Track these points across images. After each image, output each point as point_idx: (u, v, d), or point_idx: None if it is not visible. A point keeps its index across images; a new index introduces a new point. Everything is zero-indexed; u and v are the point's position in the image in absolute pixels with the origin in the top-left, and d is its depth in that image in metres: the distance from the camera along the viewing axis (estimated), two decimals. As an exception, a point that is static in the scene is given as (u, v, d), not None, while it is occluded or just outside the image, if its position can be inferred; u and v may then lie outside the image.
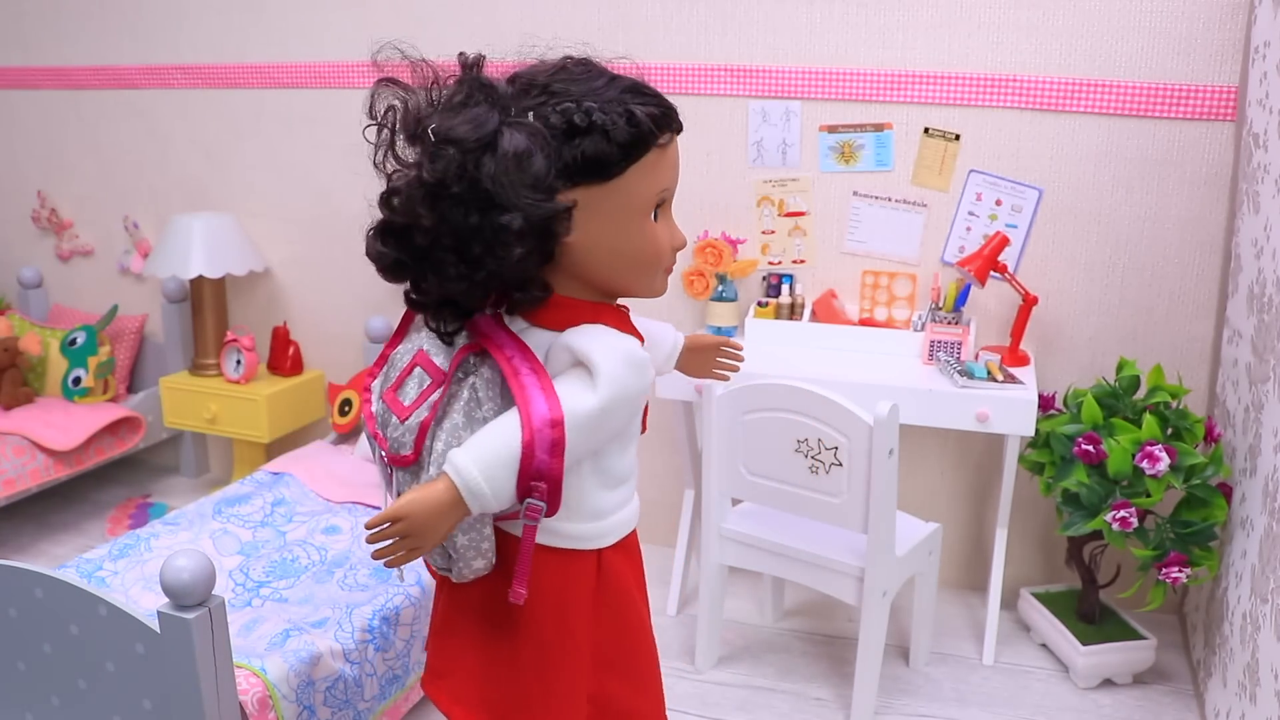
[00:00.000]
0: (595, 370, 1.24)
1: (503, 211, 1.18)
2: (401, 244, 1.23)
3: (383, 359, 1.37)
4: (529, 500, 1.23)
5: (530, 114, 1.21)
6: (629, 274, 1.30)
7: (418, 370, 1.31)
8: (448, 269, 1.22)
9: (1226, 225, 2.50)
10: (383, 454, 1.31)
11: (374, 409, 1.34)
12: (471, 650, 1.39)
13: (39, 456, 2.99)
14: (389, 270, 1.27)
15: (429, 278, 1.24)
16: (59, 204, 3.63)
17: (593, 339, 1.26)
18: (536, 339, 1.29)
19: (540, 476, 1.22)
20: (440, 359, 1.31)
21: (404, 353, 1.33)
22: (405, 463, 1.28)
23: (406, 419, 1.28)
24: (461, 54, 1.27)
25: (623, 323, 1.33)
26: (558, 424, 1.21)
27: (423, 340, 1.33)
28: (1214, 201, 2.49)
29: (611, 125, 1.21)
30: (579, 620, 1.37)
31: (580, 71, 1.25)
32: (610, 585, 1.39)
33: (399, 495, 1.30)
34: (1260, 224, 2.13)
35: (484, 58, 1.27)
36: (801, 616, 2.73)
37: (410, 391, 1.30)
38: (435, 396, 1.27)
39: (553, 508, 1.25)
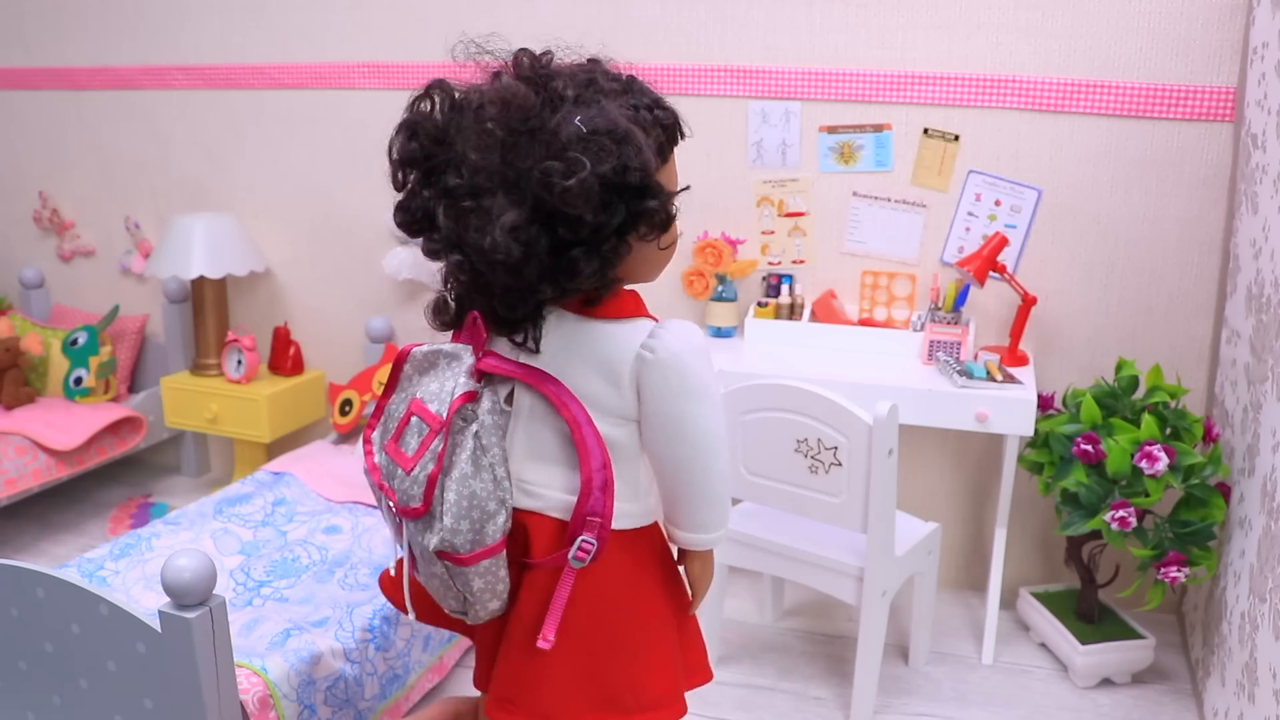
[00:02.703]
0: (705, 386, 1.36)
1: (647, 200, 1.23)
2: (531, 247, 1.22)
3: (379, 411, 1.40)
4: (583, 538, 1.31)
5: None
6: (657, 258, 1.37)
7: (414, 420, 1.33)
8: (581, 267, 1.24)
9: (1225, 226, 2.50)
10: (390, 504, 1.34)
11: (377, 460, 1.37)
12: (560, 660, 1.38)
13: (40, 456, 3.00)
14: (514, 270, 1.22)
15: (549, 280, 1.24)
16: (60, 204, 3.63)
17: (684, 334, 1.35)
18: (597, 332, 1.33)
19: (595, 513, 1.31)
20: (435, 405, 1.32)
21: (398, 403, 1.37)
22: (415, 514, 1.30)
23: (412, 470, 1.29)
24: (525, 50, 1.31)
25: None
26: (607, 466, 1.31)
27: (415, 389, 1.36)
28: (1212, 202, 2.50)
29: (665, 118, 1.29)
30: (659, 587, 1.45)
31: (614, 72, 1.32)
32: (666, 547, 1.50)
33: (410, 545, 1.34)
34: (1259, 224, 2.13)
35: (551, 53, 1.32)
36: (801, 616, 2.74)
37: (411, 442, 1.32)
38: (438, 446, 1.29)
39: (601, 545, 1.32)
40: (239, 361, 3.22)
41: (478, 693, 2.09)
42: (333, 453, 2.94)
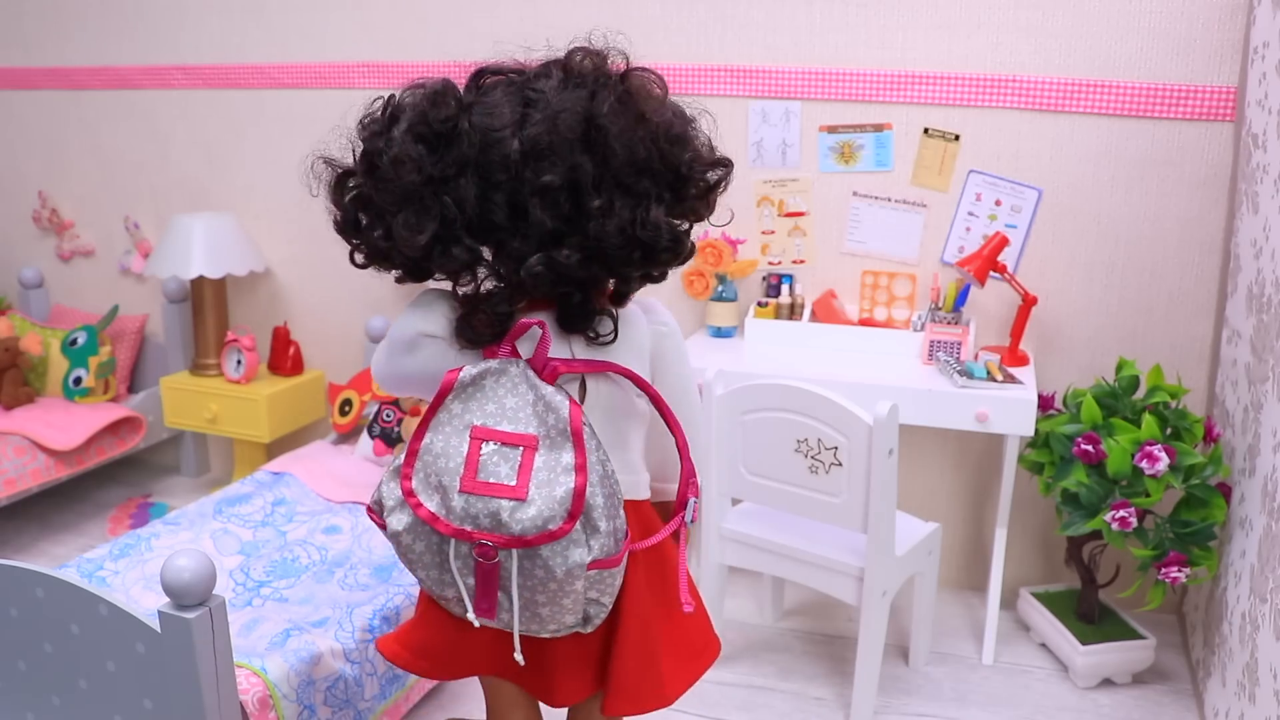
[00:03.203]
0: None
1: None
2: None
3: (413, 454, 1.29)
4: (693, 500, 1.37)
5: None
6: None
7: (490, 447, 1.26)
8: (692, 251, 1.38)
9: (1225, 225, 2.50)
10: (487, 544, 1.24)
11: (437, 508, 1.26)
12: (662, 631, 1.44)
13: (40, 456, 3.00)
14: (675, 257, 1.33)
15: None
16: (60, 204, 3.63)
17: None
18: (624, 316, 1.40)
19: (694, 474, 1.38)
20: (509, 425, 1.26)
21: (449, 438, 1.27)
22: (555, 536, 1.23)
23: (528, 495, 1.23)
24: (581, 48, 1.37)
25: None
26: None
27: (469, 417, 1.28)
28: (1213, 202, 2.50)
29: None
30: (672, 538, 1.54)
31: None
32: None
33: (524, 578, 1.26)
34: (1259, 224, 2.13)
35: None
36: (801, 616, 2.73)
37: (501, 470, 1.24)
38: (565, 458, 1.24)
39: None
40: (238, 361, 3.22)
41: (479, 707, 2.10)
42: (332, 453, 2.94)
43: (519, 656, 1.34)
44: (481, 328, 1.33)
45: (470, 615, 1.32)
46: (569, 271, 1.26)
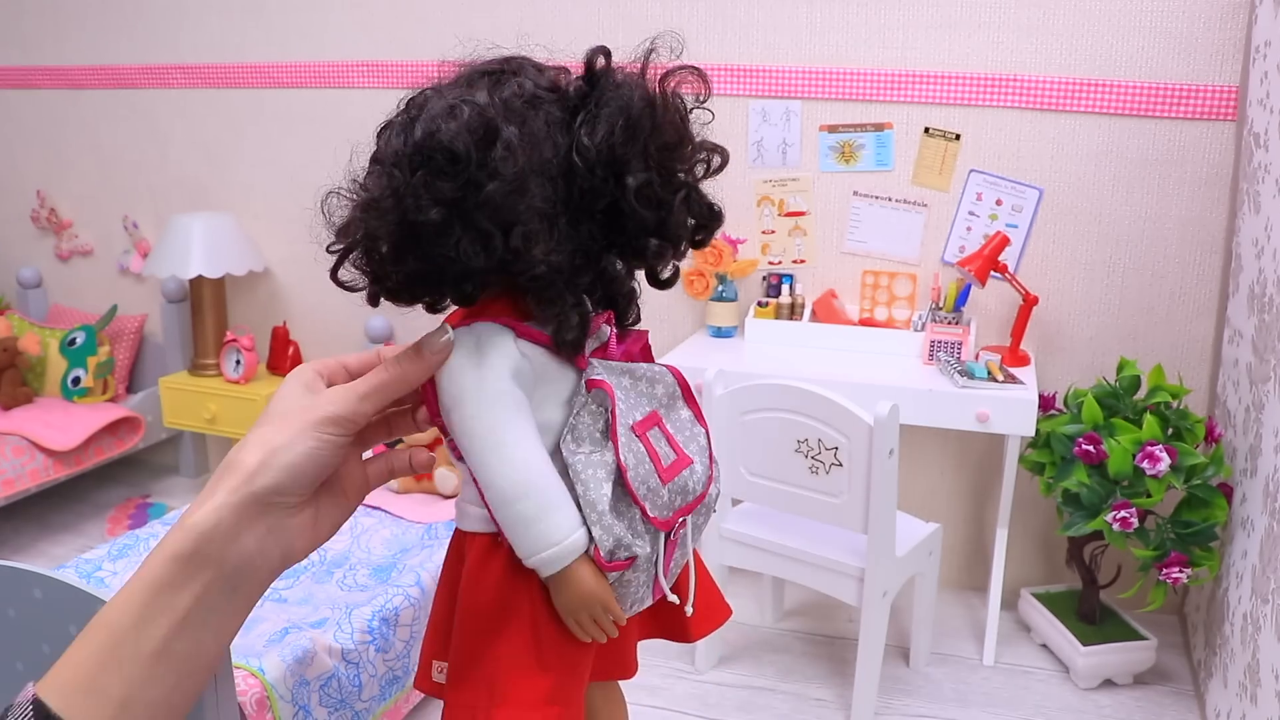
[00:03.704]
0: None
1: None
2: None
3: (624, 472, 1.20)
4: None
5: None
6: None
7: (652, 433, 1.30)
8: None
9: (1227, 225, 2.50)
10: (683, 519, 1.25)
11: (653, 512, 1.21)
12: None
13: (38, 456, 2.99)
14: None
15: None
16: (58, 204, 3.62)
17: None
18: None
19: None
20: (638, 413, 1.30)
21: (631, 444, 1.22)
22: (711, 480, 1.31)
23: (693, 460, 1.28)
24: (601, 48, 1.34)
25: None
26: None
27: (621, 421, 1.28)
28: (1214, 201, 2.49)
29: None
30: None
31: None
32: None
33: (695, 533, 1.31)
34: (1261, 224, 2.13)
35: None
36: (801, 616, 2.73)
37: (663, 449, 1.28)
38: (683, 414, 1.30)
39: None
40: (237, 361, 3.21)
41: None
42: (332, 453, 2.93)
43: (689, 608, 1.36)
44: (583, 331, 1.31)
45: (670, 596, 1.33)
46: (650, 262, 1.30)
